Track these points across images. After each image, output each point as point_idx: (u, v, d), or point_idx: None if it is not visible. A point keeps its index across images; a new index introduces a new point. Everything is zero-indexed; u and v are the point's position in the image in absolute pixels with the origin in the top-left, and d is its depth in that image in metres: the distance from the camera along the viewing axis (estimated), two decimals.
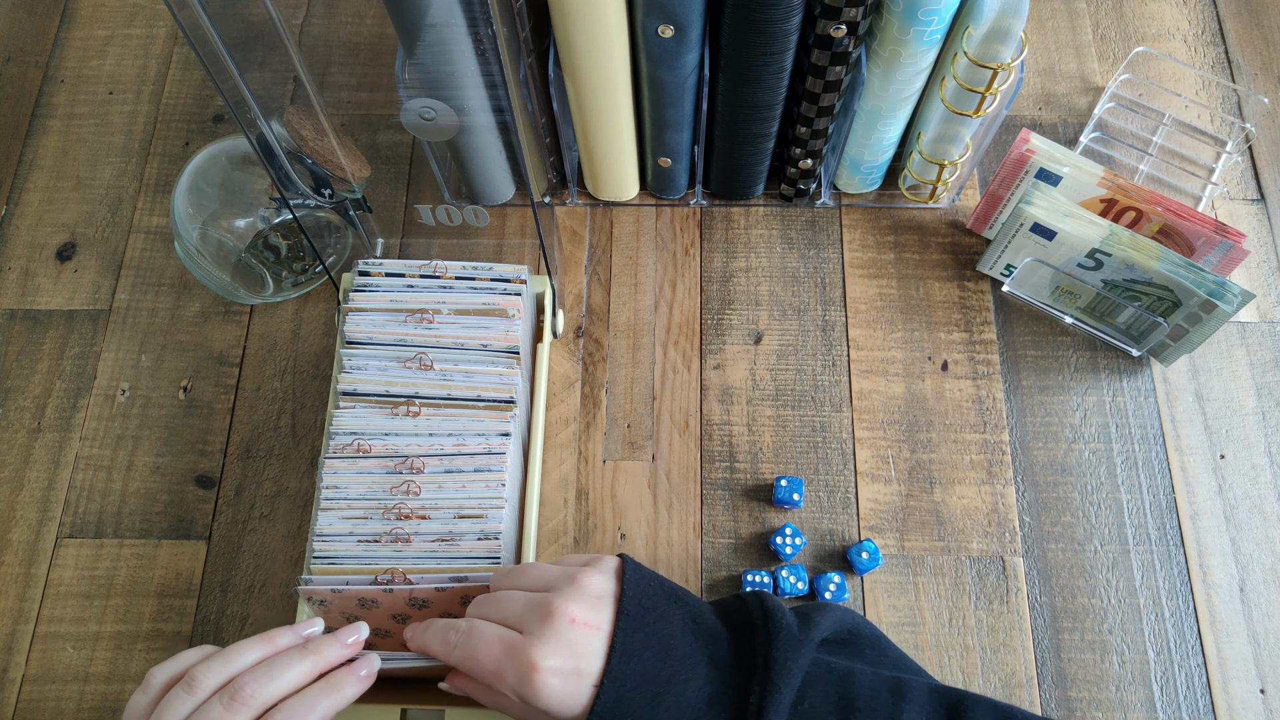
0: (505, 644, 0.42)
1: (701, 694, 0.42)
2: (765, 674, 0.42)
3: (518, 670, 0.41)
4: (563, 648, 0.41)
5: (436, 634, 0.44)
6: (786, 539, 0.59)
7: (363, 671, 0.43)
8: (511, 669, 0.41)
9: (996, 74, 0.55)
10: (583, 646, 0.41)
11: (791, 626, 0.43)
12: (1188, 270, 0.58)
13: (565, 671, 0.41)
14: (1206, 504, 0.60)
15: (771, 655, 0.42)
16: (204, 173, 0.62)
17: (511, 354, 0.56)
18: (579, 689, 0.41)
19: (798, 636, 0.43)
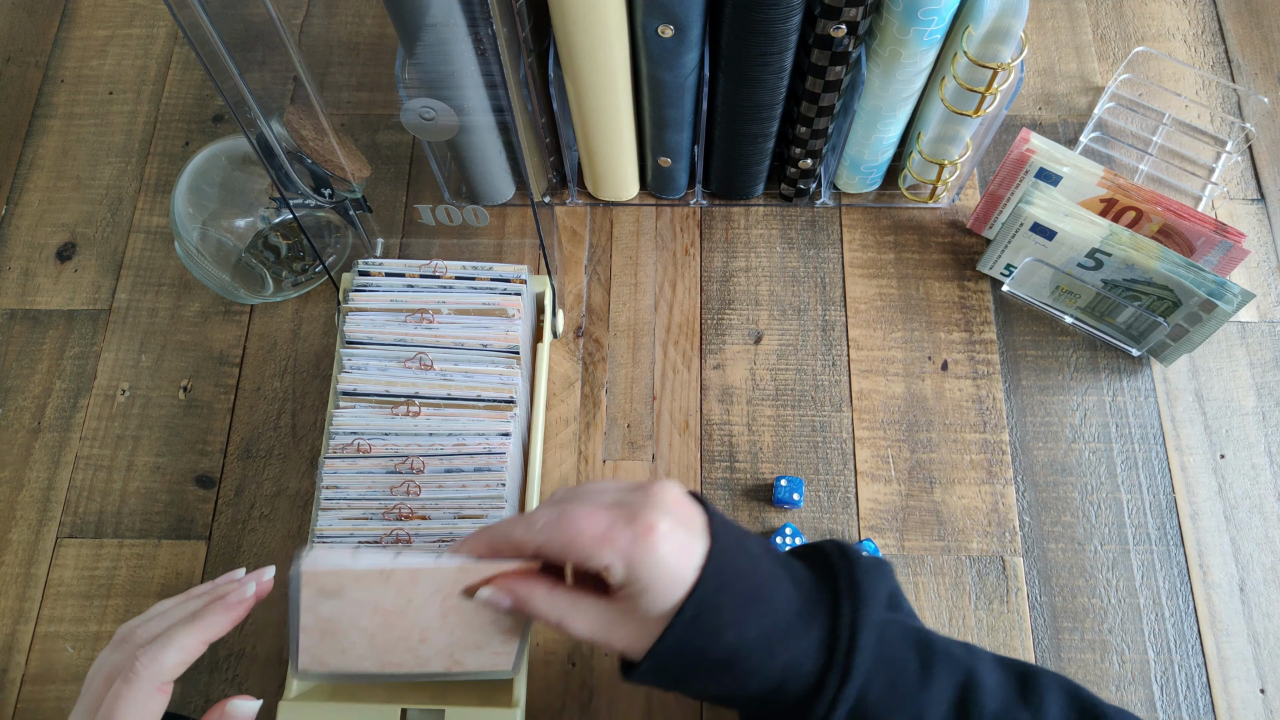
0: (614, 512, 0.39)
1: (791, 604, 0.40)
2: (854, 592, 0.40)
3: (633, 530, 0.38)
4: (674, 517, 0.39)
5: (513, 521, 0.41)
6: (787, 539, 0.59)
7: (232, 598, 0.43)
8: (625, 529, 0.39)
9: (996, 74, 0.55)
10: (689, 519, 0.40)
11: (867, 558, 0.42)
12: (1188, 270, 0.58)
13: (680, 535, 0.39)
14: (1206, 504, 0.60)
15: (856, 577, 0.41)
16: (204, 173, 0.62)
17: (511, 354, 0.56)
18: (687, 562, 0.39)
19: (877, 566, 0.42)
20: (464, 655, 0.44)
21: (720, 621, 0.39)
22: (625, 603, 0.40)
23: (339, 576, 0.42)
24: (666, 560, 0.39)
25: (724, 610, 0.39)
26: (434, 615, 0.43)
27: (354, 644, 0.43)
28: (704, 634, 0.39)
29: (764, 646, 0.39)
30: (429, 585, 0.42)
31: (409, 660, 0.44)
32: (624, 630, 0.40)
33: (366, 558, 0.42)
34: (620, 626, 0.40)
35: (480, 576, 0.42)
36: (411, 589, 0.42)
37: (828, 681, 0.39)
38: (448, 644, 0.44)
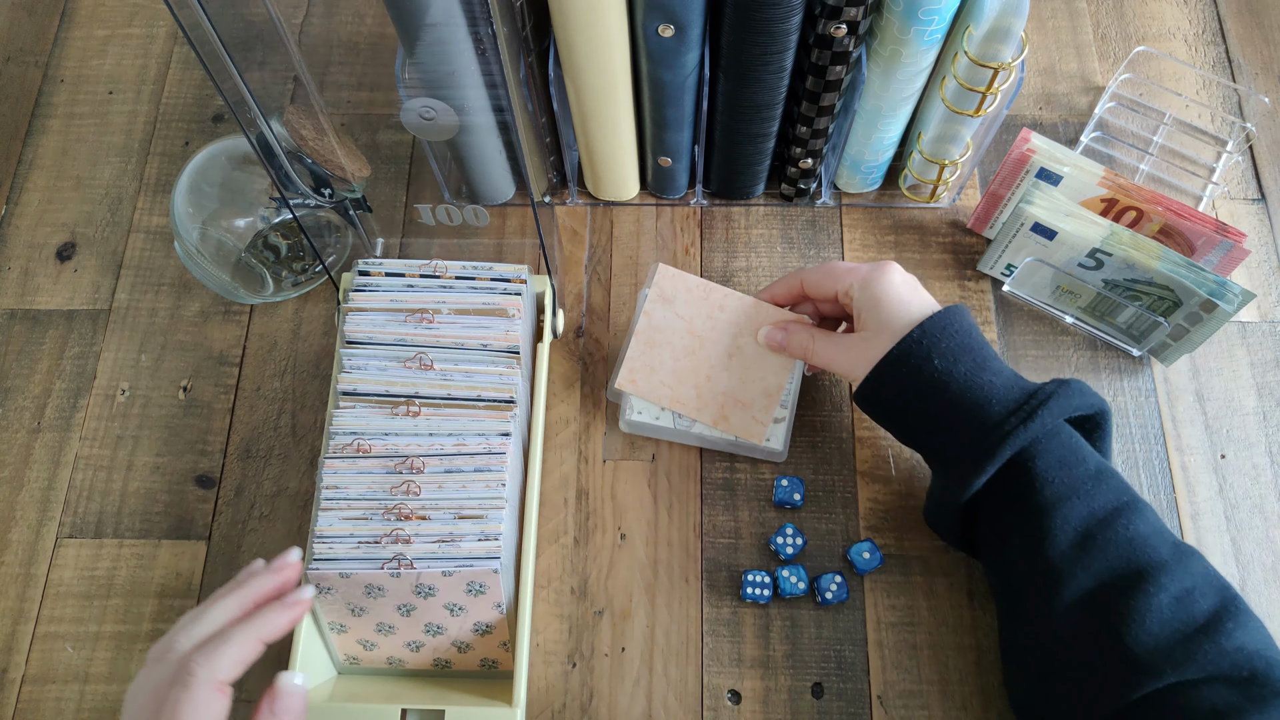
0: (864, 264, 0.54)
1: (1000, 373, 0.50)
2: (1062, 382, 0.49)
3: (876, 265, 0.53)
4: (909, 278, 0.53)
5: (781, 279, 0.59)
6: (787, 539, 0.59)
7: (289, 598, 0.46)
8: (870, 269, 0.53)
9: (997, 73, 0.55)
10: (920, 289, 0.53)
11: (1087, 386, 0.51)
12: (1188, 270, 0.58)
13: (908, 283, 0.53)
14: (1207, 504, 0.60)
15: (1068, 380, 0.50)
16: (204, 173, 0.62)
17: (511, 354, 0.56)
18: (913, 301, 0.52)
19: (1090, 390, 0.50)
20: (731, 410, 0.58)
21: (936, 349, 0.50)
22: (861, 326, 0.53)
23: (679, 280, 0.59)
24: (897, 286, 0.52)
25: (942, 342, 0.50)
26: (722, 351, 0.58)
27: (662, 363, 0.59)
28: (920, 354, 0.50)
29: (968, 380, 0.49)
30: (731, 312, 0.59)
31: (691, 398, 0.58)
32: (856, 351, 0.53)
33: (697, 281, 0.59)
34: (854, 349, 0.53)
35: (767, 318, 0.58)
36: (719, 314, 0.59)
37: (1010, 419, 0.48)
38: (724, 390, 0.58)
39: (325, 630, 0.54)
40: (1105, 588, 0.46)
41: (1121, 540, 0.46)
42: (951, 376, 0.49)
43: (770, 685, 0.56)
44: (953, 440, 0.50)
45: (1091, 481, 0.48)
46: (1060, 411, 0.48)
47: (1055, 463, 0.48)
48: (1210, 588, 0.46)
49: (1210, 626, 0.44)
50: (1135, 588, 0.45)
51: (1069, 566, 0.46)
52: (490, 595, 0.52)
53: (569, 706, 0.56)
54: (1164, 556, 0.46)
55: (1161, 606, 0.44)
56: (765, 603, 0.58)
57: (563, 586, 0.59)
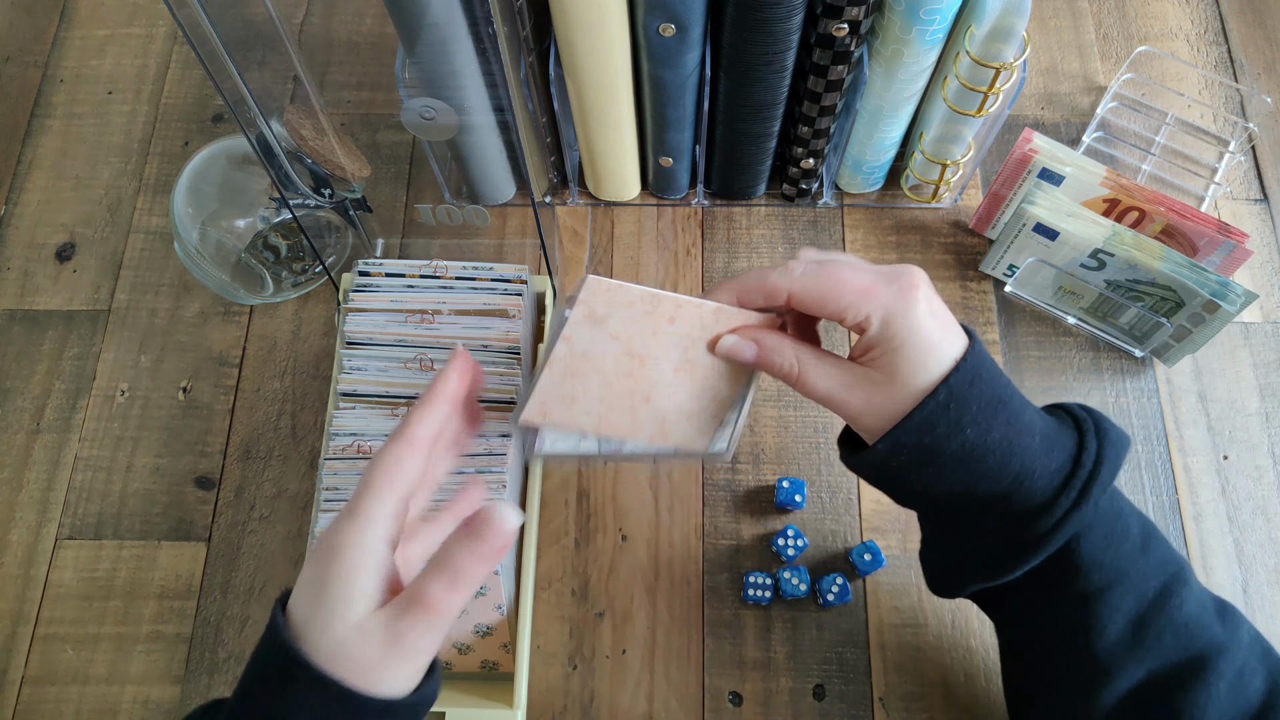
0: (876, 272, 0.40)
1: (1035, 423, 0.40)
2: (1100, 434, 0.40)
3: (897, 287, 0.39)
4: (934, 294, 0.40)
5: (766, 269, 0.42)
6: (789, 540, 0.58)
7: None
8: (888, 285, 0.39)
9: (999, 73, 0.55)
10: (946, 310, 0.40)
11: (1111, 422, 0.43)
12: (1191, 270, 0.57)
13: (936, 314, 0.39)
14: (1210, 505, 0.60)
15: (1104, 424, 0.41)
16: (204, 173, 0.62)
17: (512, 354, 0.56)
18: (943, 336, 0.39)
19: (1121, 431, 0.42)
20: (673, 425, 0.45)
21: (968, 414, 0.38)
22: (872, 365, 0.40)
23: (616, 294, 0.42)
24: (925, 321, 0.39)
25: (973, 404, 0.39)
26: (669, 368, 0.44)
27: (587, 392, 0.44)
28: (949, 421, 0.39)
29: (1004, 451, 0.39)
30: (684, 323, 0.43)
31: (625, 423, 0.45)
32: (863, 393, 0.40)
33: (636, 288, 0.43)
34: (860, 388, 0.40)
35: (730, 324, 0.43)
36: (667, 327, 0.43)
37: (1060, 501, 0.39)
38: (665, 408, 0.45)
39: None
40: (1160, 680, 0.40)
41: (1177, 624, 0.40)
42: (987, 448, 0.39)
43: (771, 687, 0.56)
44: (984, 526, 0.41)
45: (1139, 555, 0.40)
46: (1109, 479, 0.39)
47: (1101, 541, 0.40)
48: (1256, 660, 0.41)
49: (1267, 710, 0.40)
50: (1194, 678, 0.39)
51: (1120, 658, 0.40)
52: (491, 597, 0.52)
53: (570, 708, 0.56)
54: (1219, 638, 0.40)
55: (1220, 696, 0.39)
56: (767, 604, 0.58)
57: (563, 588, 0.59)
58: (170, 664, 0.58)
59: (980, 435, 0.39)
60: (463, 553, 0.36)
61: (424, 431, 0.39)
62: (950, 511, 0.42)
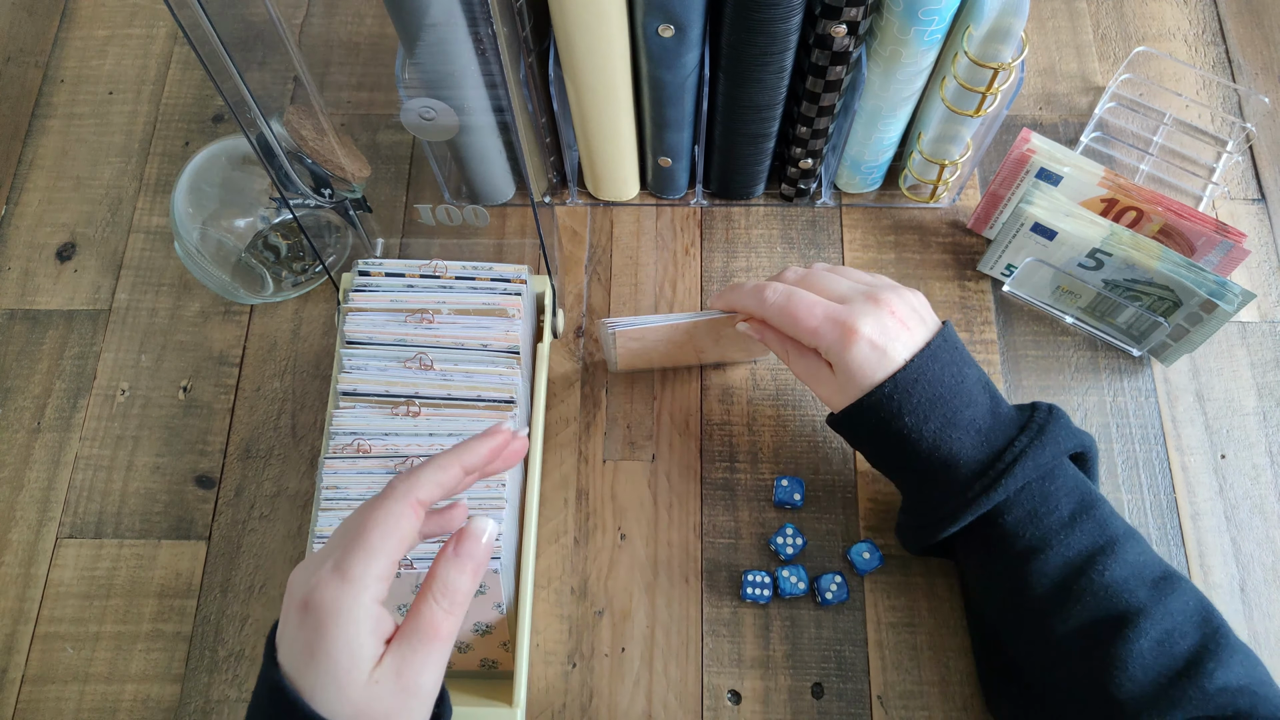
0: (827, 310, 0.50)
1: (974, 422, 0.49)
2: (1035, 432, 0.49)
3: (839, 332, 0.49)
4: (880, 328, 0.49)
5: (749, 292, 0.54)
6: (787, 539, 0.59)
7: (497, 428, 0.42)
8: (832, 330, 0.50)
9: (997, 74, 0.55)
10: (894, 335, 0.49)
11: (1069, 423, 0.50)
12: (1188, 270, 0.58)
13: (877, 345, 0.49)
14: (1207, 504, 0.60)
15: (1045, 424, 0.49)
16: (204, 173, 0.62)
17: (511, 354, 0.56)
18: (881, 365, 0.49)
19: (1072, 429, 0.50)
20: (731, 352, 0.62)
21: (907, 406, 0.49)
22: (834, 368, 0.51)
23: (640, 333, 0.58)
24: (859, 363, 0.49)
25: (913, 398, 0.48)
26: (710, 339, 0.59)
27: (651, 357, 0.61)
28: (888, 411, 0.49)
29: (935, 439, 0.49)
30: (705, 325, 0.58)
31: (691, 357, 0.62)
32: (827, 386, 0.52)
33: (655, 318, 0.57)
34: (825, 383, 0.52)
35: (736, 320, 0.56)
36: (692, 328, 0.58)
37: (973, 486, 0.48)
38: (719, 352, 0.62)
39: None
40: (1085, 634, 0.46)
41: (1098, 587, 0.46)
42: (921, 435, 0.49)
43: (770, 685, 0.56)
44: (921, 494, 0.51)
45: (1065, 530, 0.47)
46: (1029, 472, 0.48)
47: (1025, 516, 0.48)
48: (1191, 625, 0.45)
49: (1192, 668, 0.44)
50: (1115, 635, 0.45)
51: (1050, 611, 0.47)
52: (490, 595, 0.52)
53: (569, 707, 0.56)
54: (1142, 600, 0.46)
55: (1143, 652, 0.44)
56: (765, 603, 0.58)
57: (563, 586, 0.59)
58: (170, 662, 0.58)
59: (917, 424, 0.49)
60: (454, 571, 0.38)
61: (429, 495, 0.39)
62: (898, 478, 0.53)
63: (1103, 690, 0.45)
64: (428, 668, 0.37)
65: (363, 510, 0.38)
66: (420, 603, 0.38)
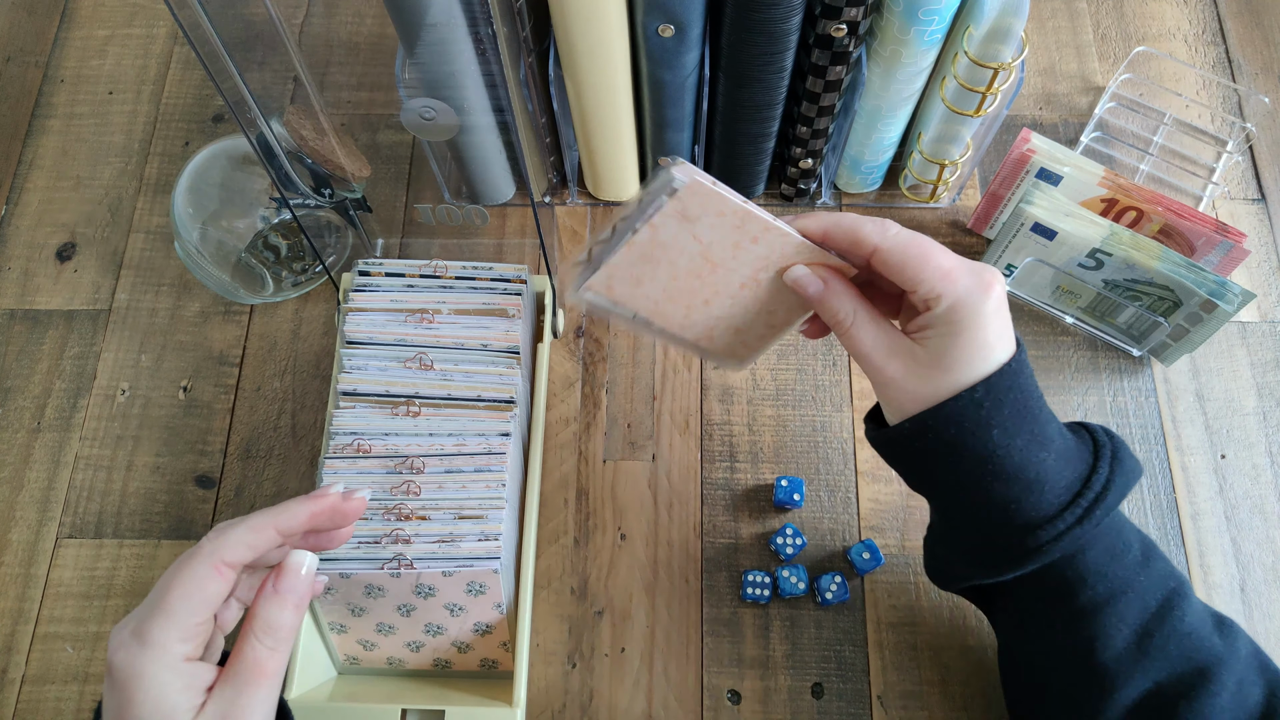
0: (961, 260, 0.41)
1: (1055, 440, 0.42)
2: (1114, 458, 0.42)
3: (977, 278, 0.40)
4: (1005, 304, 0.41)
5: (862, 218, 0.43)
6: (787, 539, 0.59)
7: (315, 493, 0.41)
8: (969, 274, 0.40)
9: (997, 74, 0.55)
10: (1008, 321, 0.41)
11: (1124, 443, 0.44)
12: (1188, 270, 0.58)
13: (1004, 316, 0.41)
14: (1207, 504, 0.60)
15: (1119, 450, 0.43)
16: (204, 173, 0.62)
17: (511, 354, 0.56)
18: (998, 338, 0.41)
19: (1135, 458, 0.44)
20: (720, 335, 0.48)
21: (998, 417, 0.40)
22: (922, 342, 0.41)
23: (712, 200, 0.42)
24: (990, 318, 0.40)
25: (1005, 408, 0.40)
26: (736, 282, 0.45)
27: (654, 279, 0.45)
28: (979, 419, 0.40)
29: (1023, 458, 0.40)
30: (764, 246, 0.44)
31: (678, 317, 0.47)
32: (901, 364, 0.41)
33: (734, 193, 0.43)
34: (899, 359, 0.41)
35: (810, 257, 0.44)
36: (750, 245, 0.44)
37: (1064, 516, 0.40)
38: (719, 316, 0.47)
39: (325, 630, 0.54)
40: (1165, 690, 0.41)
41: (1180, 635, 0.41)
42: (1009, 452, 0.40)
43: (770, 685, 0.56)
44: (991, 526, 0.42)
45: (1140, 570, 0.42)
46: (1116, 503, 0.41)
47: (1105, 555, 0.41)
48: (1254, 672, 0.42)
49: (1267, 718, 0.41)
50: (1198, 689, 0.40)
51: (1126, 669, 0.41)
52: (490, 595, 0.52)
53: (569, 707, 0.56)
54: (1219, 650, 0.41)
55: (1223, 707, 0.40)
56: (765, 603, 0.58)
57: (563, 587, 0.59)
58: None
59: (1005, 439, 0.40)
60: (274, 607, 0.38)
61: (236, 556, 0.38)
62: (958, 504, 0.43)
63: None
64: (255, 707, 0.37)
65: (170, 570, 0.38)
66: (242, 642, 0.38)
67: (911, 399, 0.41)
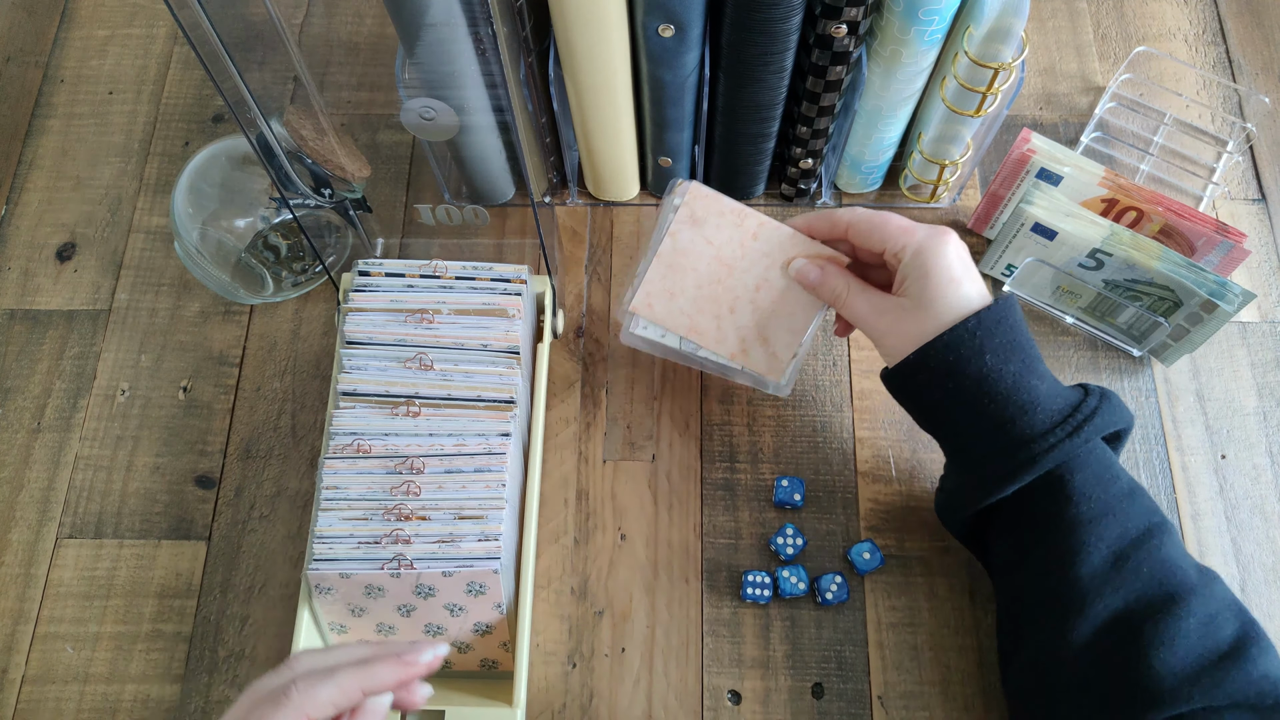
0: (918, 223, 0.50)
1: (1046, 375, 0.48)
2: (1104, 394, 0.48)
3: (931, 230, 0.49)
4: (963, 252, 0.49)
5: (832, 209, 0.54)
6: (787, 539, 0.59)
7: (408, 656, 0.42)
8: (924, 229, 0.49)
9: (997, 74, 0.55)
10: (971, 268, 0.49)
11: None
12: (1189, 270, 0.58)
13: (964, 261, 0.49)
14: (1208, 504, 0.60)
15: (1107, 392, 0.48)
16: (204, 173, 0.62)
17: (511, 354, 0.56)
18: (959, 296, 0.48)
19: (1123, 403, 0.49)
20: (751, 346, 0.55)
21: (990, 344, 0.47)
22: (903, 293, 0.49)
23: (712, 203, 0.54)
24: (949, 259, 0.48)
25: (997, 338, 0.47)
26: (750, 283, 0.54)
27: (683, 289, 0.54)
28: (973, 346, 0.47)
29: (1015, 382, 0.47)
30: (765, 242, 0.54)
31: (711, 329, 0.55)
32: (891, 317, 0.50)
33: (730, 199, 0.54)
34: (889, 314, 0.50)
35: (802, 250, 0.54)
36: (751, 242, 0.54)
37: (1056, 431, 0.46)
38: (746, 324, 0.55)
39: (325, 631, 0.54)
40: (1134, 611, 0.45)
41: (1154, 561, 0.45)
42: (1001, 376, 0.47)
43: (770, 685, 0.56)
44: (990, 444, 0.48)
45: (1125, 500, 0.47)
46: (1104, 426, 0.47)
47: (1093, 478, 0.46)
48: (1231, 613, 0.45)
49: (1235, 653, 0.43)
50: (1166, 611, 0.44)
51: (1100, 586, 0.45)
52: (490, 595, 0.52)
53: (569, 707, 0.56)
54: (1192, 580, 0.45)
55: (1190, 631, 0.44)
56: (765, 603, 0.58)
57: (563, 587, 0.59)
58: (170, 663, 0.58)
59: (998, 364, 0.47)
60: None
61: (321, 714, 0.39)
62: (960, 431, 0.50)
63: (1144, 669, 0.43)
64: None
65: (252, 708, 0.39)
66: None
67: (907, 340, 0.49)
